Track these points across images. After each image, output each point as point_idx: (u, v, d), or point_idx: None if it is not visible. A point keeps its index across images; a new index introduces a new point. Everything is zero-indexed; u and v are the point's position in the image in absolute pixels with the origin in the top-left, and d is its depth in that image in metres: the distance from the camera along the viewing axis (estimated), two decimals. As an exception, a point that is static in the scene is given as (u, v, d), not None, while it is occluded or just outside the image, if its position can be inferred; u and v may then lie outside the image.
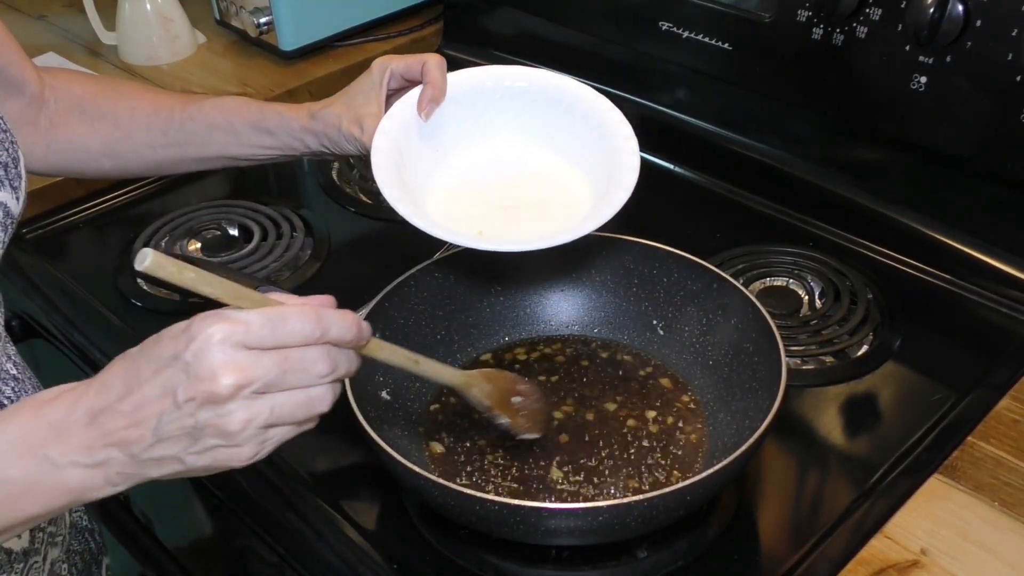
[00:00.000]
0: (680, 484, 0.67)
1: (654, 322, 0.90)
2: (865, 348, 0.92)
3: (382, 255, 1.07)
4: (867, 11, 0.95)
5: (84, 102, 0.90)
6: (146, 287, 1.02)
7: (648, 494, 0.66)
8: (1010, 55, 0.87)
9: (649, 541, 0.74)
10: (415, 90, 0.84)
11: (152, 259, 0.52)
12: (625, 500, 0.66)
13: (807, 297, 0.98)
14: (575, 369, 0.88)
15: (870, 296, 0.96)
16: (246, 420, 0.53)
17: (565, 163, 0.87)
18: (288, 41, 1.36)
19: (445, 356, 0.88)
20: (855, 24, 0.97)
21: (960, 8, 0.89)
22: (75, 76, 0.93)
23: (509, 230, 0.81)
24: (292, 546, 0.79)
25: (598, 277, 0.91)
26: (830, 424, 0.85)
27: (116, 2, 1.39)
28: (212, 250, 1.08)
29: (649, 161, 1.08)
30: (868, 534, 0.73)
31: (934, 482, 0.77)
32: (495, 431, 0.82)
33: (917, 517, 0.74)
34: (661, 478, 0.77)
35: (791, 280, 0.99)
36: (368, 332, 0.60)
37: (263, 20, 1.34)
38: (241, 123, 0.88)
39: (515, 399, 0.78)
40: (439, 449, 0.81)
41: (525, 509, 0.67)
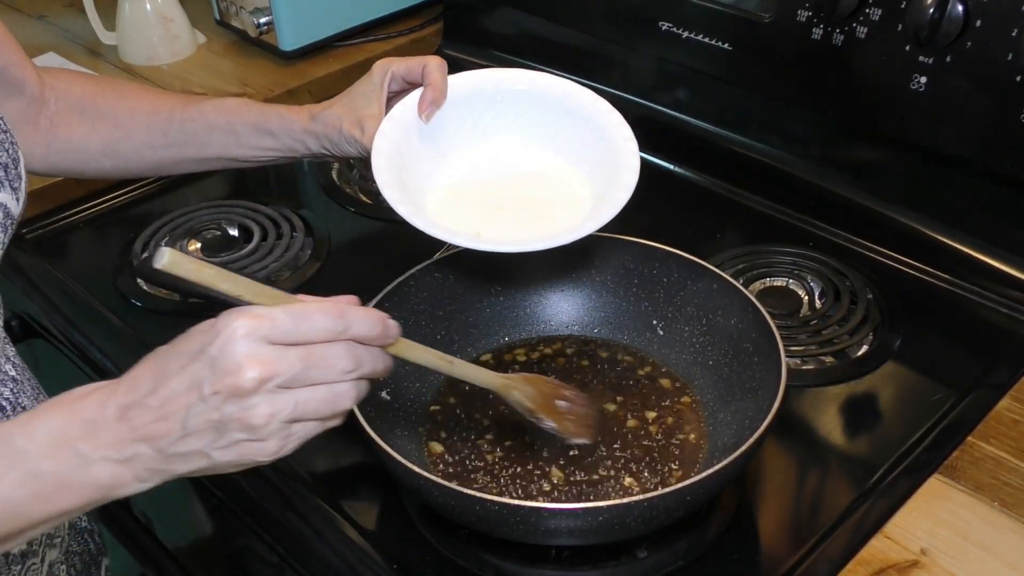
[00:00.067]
0: (680, 484, 0.67)
1: (654, 322, 0.90)
2: (865, 348, 0.92)
3: (382, 255, 1.07)
4: (867, 11, 0.95)
5: (84, 102, 0.90)
6: (146, 287, 1.02)
7: (648, 494, 0.66)
8: (1010, 55, 0.87)
9: (649, 541, 0.74)
10: (416, 92, 0.84)
11: (170, 257, 0.54)
12: (625, 500, 0.66)
13: (807, 297, 0.98)
14: (575, 369, 0.88)
15: (870, 296, 0.96)
16: (270, 414, 0.54)
17: (565, 164, 0.87)
18: (288, 41, 1.36)
19: (445, 356, 0.88)
20: (855, 24, 0.97)
21: (960, 8, 0.89)
22: (75, 76, 0.93)
23: (509, 231, 0.81)
24: (292, 546, 0.79)
25: (598, 277, 0.91)
26: (830, 424, 0.85)
27: (116, 2, 1.39)
28: (212, 250, 1.08)
29: (649, 161, 1.08)
30: (868, 534, 0.73)
31: (934, 482, 0.77)
32: (495, 431, 0.82)
33: (917, 517, 0.74)
34: (661, 478, 0.77)
35: (791, 280, 0.99)
36: (395, 331, 0.60)
37: (263, 20, 1.34)
38: (242, 124, 0.88)
39: (560, 403, 0.76)
40: (439, 449, 0.81)
41: (525, 509, 0.67)
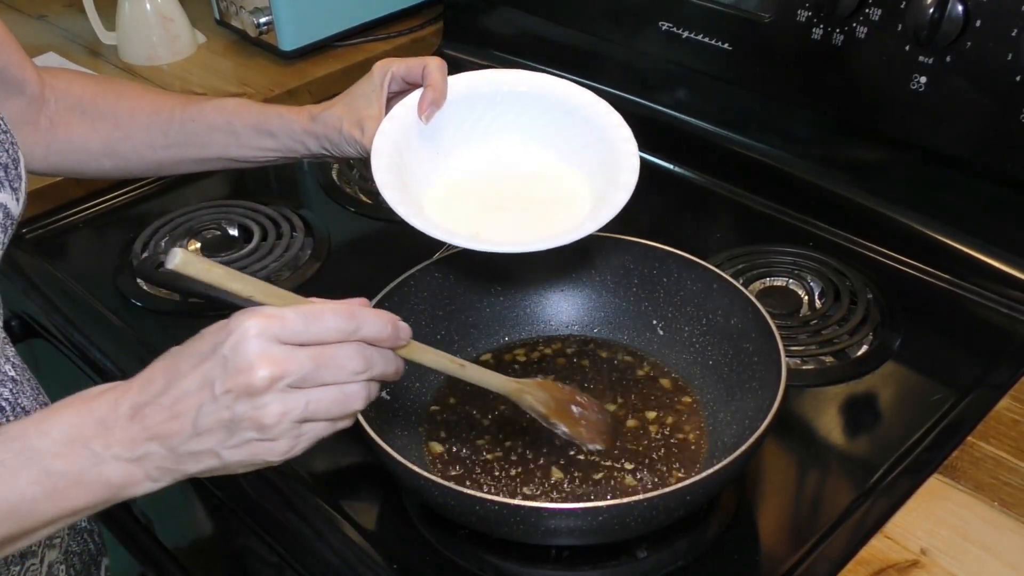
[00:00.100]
0: (680, 484, 0.67)
1: (654, 322, 0.90)
2: (865, 348, 0.92)
3: (382, 255, 1.07)
4: (867, 11, 0.95)
5: (84, 102, 0.90)
6: (146, 287, 1.02)
7: (648, 494, 0.66)
8: (1010, 55, 0.87)
9: (649, 541, 0.74)
10: (416, 93, 0.84)
11: (181, 257, 0.54)
12: (625, 500, 0.66)
13: (807, 297, 0.98)
14: (575, 369, 0.88)
15: (870, 296, 0.96)
16: (281, 413, 0.54)
17: (565, 165, 0.87)
18: (288, 41, 1.36)
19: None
20: (855, 24, 0.97)
21: (960, 8, 0.89)
22: (75, 76, 0.93)
23: (509, 231, 0.81)
24: (292, 546, 0.79)
25: (598, 277, 0.91)
26: (830, 424, 0.85)
27: (116, 2, 1.39)
28: (212, 250, 1.08)
29: (649, 161, 1.09)
30: (868, 534, 0.73)
31: (934, 482, 0.77)
32: (495, 431, 0.82)
33: (917, 517, 0.74)
34: (661, 478, 0.77)
35: (791, 280, 0.99)
36: (406, 333, 0.61)
37: (263, 20, 1.34)
38: (242, 125, 0.88)
39: (575, 409, 0.76)
40: (439, 449, 0.81)
41: (525, 509, 0.67)
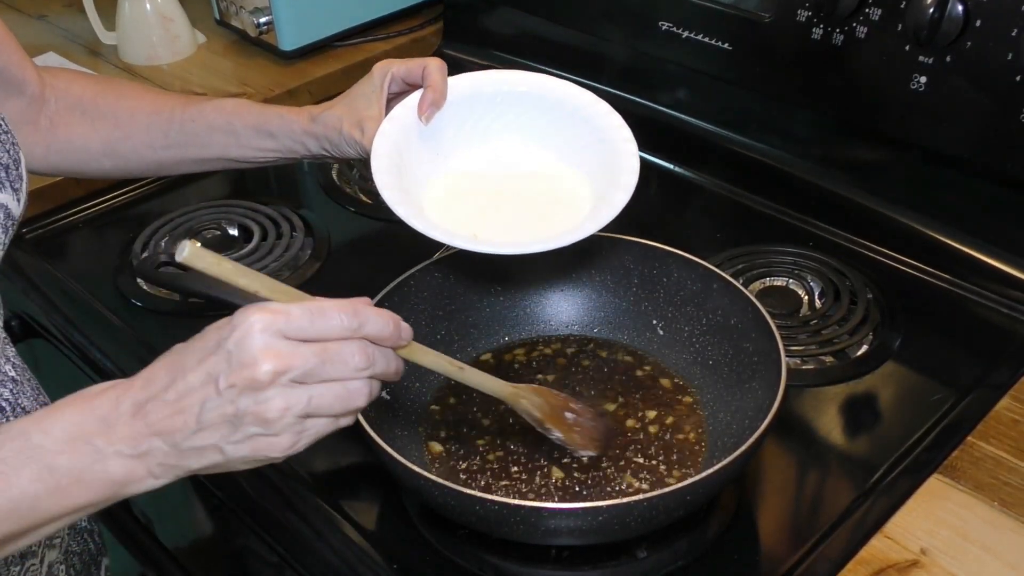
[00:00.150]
0: (680, 484, 0.67)
1: (654, 322, 0.90)
2: (865, 348, 0.92)
3: (382, 255, 1.07)
4: (867, 11, 0.95)
5: (84, 102, 0.90)
6: (146, 287, 1.02)
7: (648, 494, 0.66)
8: (1010, 55, 0.87)
9: (649, 541, 0.74)
10: (416, 93, 0.84)
11: (190, 250, 0.55)
12: (625, 500, 0.66)
13: (807, 297, 0.98)
14: (575, 369, 0.88)
15: (870, 296, 0.96)
16: (284, 408, 0.55)
17: (565, 166, 0.87)
18: (288, 41, 1.36)
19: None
20: (855, 24, 0.97)
21: (960, 8, 0.89)
22: (75, 76, 0.93)
23: (509, 232, 0.81)
24: (292, 546, 0.79)
25: (598, 277, 0.91)
26: (830, 424, 0.85)
27: (116, 2, 1.39)
28: (212, 250, 1.08)
29: (649, 161, 1.09)
30: (868, 534, 0.73)
31: (934, 482, 0.77)
32: (495, 431, 0.82)
33: (917, 517, 0.74)
34: (661, 478, 0.77)
35: (791, 280, 0.99)
36: (408, 334, 0.61)
37: (263, 20, 1.34)
38: (242, 125, 0.88)
39: (568, 415, 0.77)
40: (439, 449, 0.81)
41: (525, 509, 0.67)
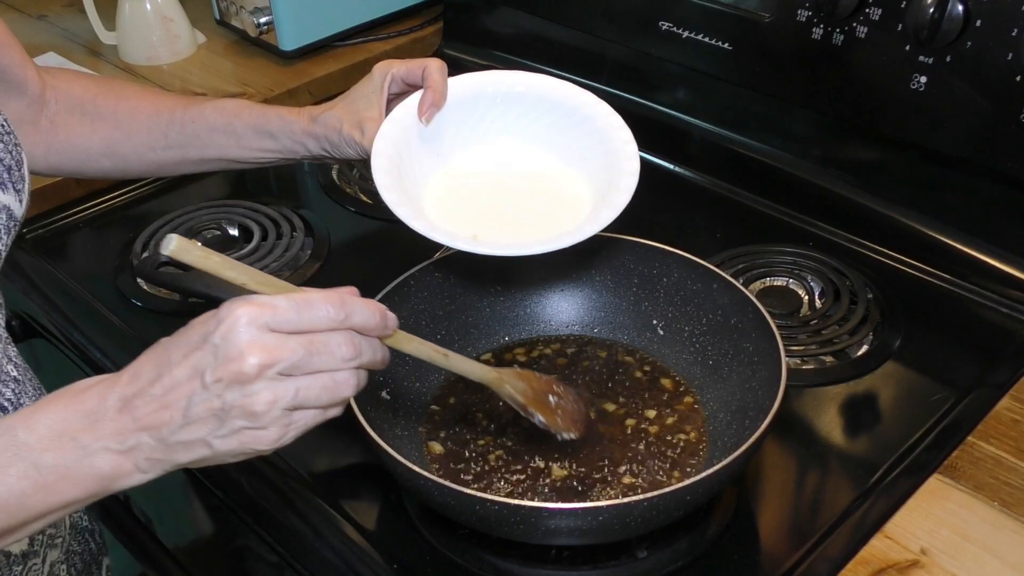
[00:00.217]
0: (680, 484, 0.67)
1: (654, 322, 0.90)
2: (865, 348, 0.92)
3: (382, 255, 1.07)
4: (867, 11, 0.95)
5: (85, 103, 0.90)
6: (146, 287, 1.02)
7: (648, 494, 0.66)
8: (1010, 55, 0.87)
9: (649, 541, 0.74)
10: (416, 94, 0.84)
11: (177, 243, 0.55)
12: (625, 500, 0.66)
13: (807, 297, 0.98)
14: (575, 369, 0.88)
15: (870, 296, 0.96)
16: (271, 401, 0.54)
17: (565, 167, 0.87)
18: (288, 41, 1.36)
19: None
20: (855, 24, 0.97)
21: (960, 8, 0.89)
22: (76, 76, 0.93)
23: (509, 234, 0.81)
24: (292, 546, 0.79)
25: (598, 277, 0.91)
26: (830, 424, 0.85)
27: (116, 2, 1.39)
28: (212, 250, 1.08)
29: (649, 161, 1.09)
30: (868, 534, 0.73)
31: (934, 482, 0.77)
32: (495, 431, 0.82)
33: (917, 517, 0.74)
34: (661, 478, 0.77)
35: (791, 280, 0.99)
36: (394, 323, 0.61)
37: (263, 20, 1.34)
38: (242, 126, 0.88)
39: (552, 398, 0.76)
40: (439, 449, 0.81)
41: (525, 509, 0.67)
